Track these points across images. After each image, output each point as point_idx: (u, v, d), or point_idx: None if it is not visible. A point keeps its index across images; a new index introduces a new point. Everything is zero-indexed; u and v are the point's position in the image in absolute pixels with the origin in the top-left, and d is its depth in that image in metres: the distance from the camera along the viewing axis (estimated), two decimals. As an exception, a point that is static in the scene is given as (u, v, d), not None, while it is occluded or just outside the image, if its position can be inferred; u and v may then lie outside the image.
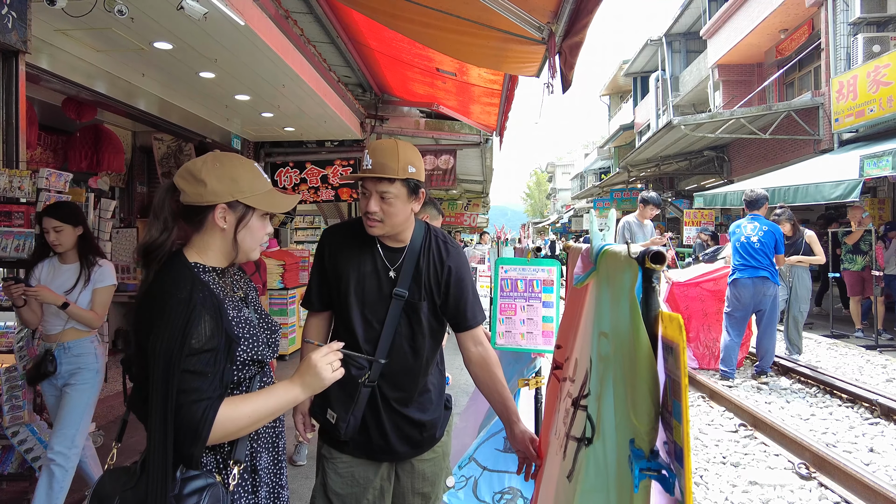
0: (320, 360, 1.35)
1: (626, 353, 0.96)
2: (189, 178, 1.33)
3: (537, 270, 2.29)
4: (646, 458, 0.89)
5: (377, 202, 1.70)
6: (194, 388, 1.20)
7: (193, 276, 1.30)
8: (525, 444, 1.73)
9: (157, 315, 1.23)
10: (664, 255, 0.87)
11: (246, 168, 1.38)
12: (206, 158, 1.36)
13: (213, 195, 1.32)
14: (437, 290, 1.81)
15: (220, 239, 1.37)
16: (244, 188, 1.35)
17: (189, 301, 1.23)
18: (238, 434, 1.30)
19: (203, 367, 1.22)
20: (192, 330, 1.21)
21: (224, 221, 1.34)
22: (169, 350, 1.19)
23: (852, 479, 3.20)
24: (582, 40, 2.45)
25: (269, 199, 1.40)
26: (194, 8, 3.13)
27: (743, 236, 5.64)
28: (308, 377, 1.35)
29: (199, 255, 1.36)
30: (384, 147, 1.70)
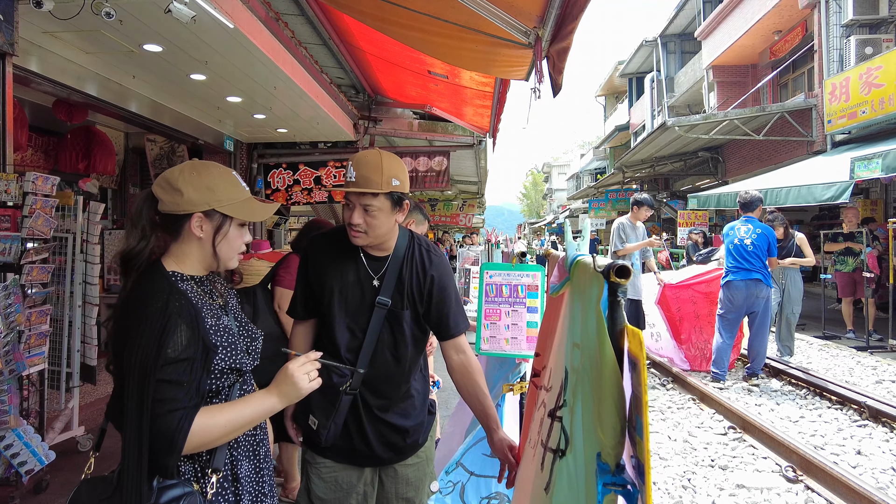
0: (297, 370, 1.35)
1: (594, 366, 0.97)
2: (166, 186, 1.33)
3: (522, 276, 2.30)
4: (611, 473, 0.89)
5: (361, 214, 1.70)
6: (170, 397, 1.20)
7: (170, 284, 1.30)
8: (503, 451, 1.74)
9: (133, 324, 1.23)
10: (629, 269, 0.87)
11: (223, 177, 1.38)
12: (183, 167, 1.36)
13: (189, 204, 1.32)
14: (419, 299, 1.81)
15: (197, 247, 1.37)
16: (221, 197, 1.35)
17: (165, 311, 1.23)
18: (214, 443, 1.30)
19: (179, 377, 1.22)
20: (167, 339, 1.21)
21: (201, 230, 1.35)
22: (144, 360, 1.19)
23: (838, 482, 3.22)
24: (569, 45, 2.46)
25: (247, 208, 1.40)
26: (182, 11, 3.12)
27: (736, 238, 5.66)
28: (285, 387, 1.35)
29: (178, 264, 1.36)
30: (368, 160, 1.70)
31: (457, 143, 7.98)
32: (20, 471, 2.97)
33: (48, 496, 3.37)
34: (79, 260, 4.01)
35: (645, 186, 19.34)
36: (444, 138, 7.90)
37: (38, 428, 3.51)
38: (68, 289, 3.97)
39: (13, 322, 2.97)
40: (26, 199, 3.11)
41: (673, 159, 15.61)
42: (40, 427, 3.56)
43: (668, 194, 17.91)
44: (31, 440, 3.03)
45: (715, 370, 5.70)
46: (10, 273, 3.04)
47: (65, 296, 3.97)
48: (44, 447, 3.11)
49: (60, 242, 3.95)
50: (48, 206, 3.23)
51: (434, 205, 16.74)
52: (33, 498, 3.33)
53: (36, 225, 3.14)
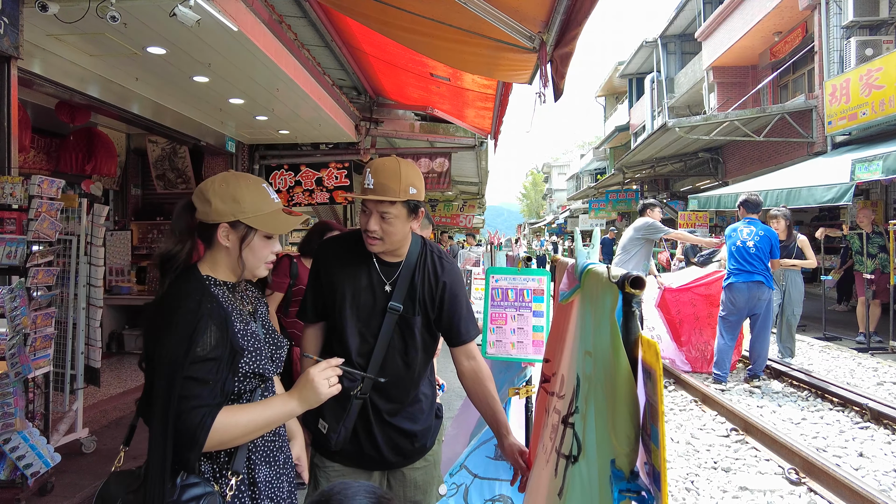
0: (318, 376, 1.38)
1: (607, 375, 0.98)
2: (200, 196, 1.40)
3: (528, 280, 2.31)
4: (625, 480, 0.90)
5: (377, 221, 1.71)
6: (195, 394, 1.25)
7: (203, 287, 1.35)
8: (514, 456, 1.75)
9: (166, 323, 1.28)
10: (644, 280, 0.88)
11: (251, 188, 1.42)
12: (215, 178, 1.42)
13: (217, 214, 1.37)
14: (431, 305, 1.82)
15: (225, 255, 1.42)
16: (246, 209, 1.38)
17: (197, 311, 1.28)
18: (233, 443, 1.33)
19: (205, 375, 1.27)
20: (197, 338, 1.26)
21: (227, 240, 1.39)
22: (174, 356, 1.24)
23: (841, 484, 3.23)
24: (572, 51, 2.47)
25: (271, 221, 1.42)
26: (187, 14, 3.13)
27: (739, 240, 5.65)
28: (305, 391, 1.38)
29: (211, 269, 1.42)
30: (387, 168, 1.70)
31: (458, 145, 7.99)
32: (25, 473, 2.98)
33: (53, 498, 3.38)
34: (83, 262, 4.02)
35: (645, 187, 19.36)
36: (446, 140, 7.91)
37: (43, 430, 3.51)
38: (72, 291, 3.98)
39: (19, 325, 2.98)
40: (32, 203, 3.12)
41: (673, 160, 15.63)
42: (45, 429, 3.57)
43: (668, 195, 17.93)
44: (36, 442, 3.03)
45: (717, 372, 5.71)
46: (16, 276, 3.04)
47: (69, 298, 3.98)
48: (49, 449, 3.12)
49: (64, 245, 3.96)
50: (53, 209, 3.24)
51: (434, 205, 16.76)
52: (38, 500, 3.34)
53: (41, 228, 3.15)
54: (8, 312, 2.91)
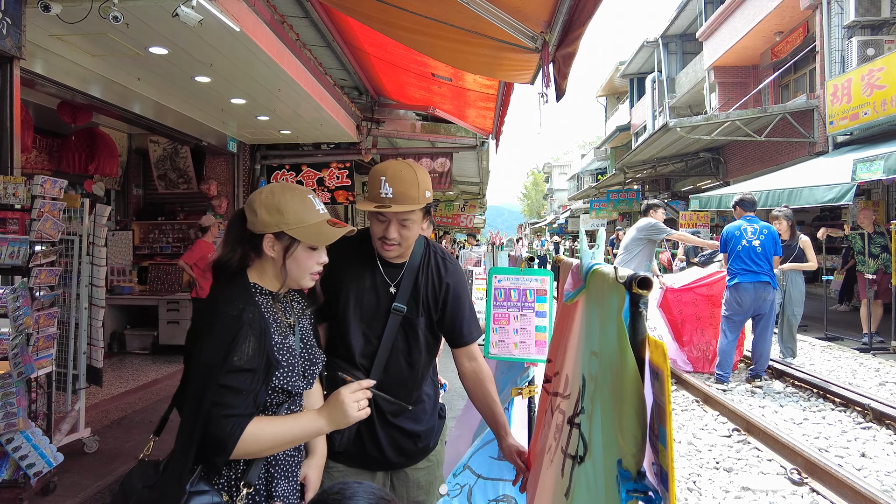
0: (348, 398, 1.38)
1: (614, 375, 0.98)
2: (249, 207, 1.43)
3: (530, 280, 2.31)
4: (633, 480, 0.90)
5: (397, 228, 1.70)
6: (227, 402, 1.26)
7: (249, 295, 1.37)
8: (513, 456, 1.76)
9: (207, 326, 1.30)
10: (651, 280, 0.88)
11: (296, 200, 1.43)
12: (263, 189, 1.44)
13: (262, 225, 1.40)
14: (434, 307, 1.82)
15: (271, 265, 1.44)
16: (290, 220, 1.40)
17: (239, 319, 1.30)
18: (259, 454, 1.34)
19: (239, 385, 1.28)
20: (235, 347, 1.27)
21: (272, 250, 1.41)
22: (210, 362, 1.26)
23: (843, 484, 3.23)
24: (575, 51, 2.47)
25: (314, 232, 1.43)
26: (189, 15, 3.14)
27: (745, 240, 5.62)
28: (335, 412, 1.38)
29: (259, 278, 1.44)
30: (404, 176, 1.68)
31: (459, 145, 7.99)
32: (28, 472, 2.98)
33: (56, 498, 3.38)
34: (85, 262, 4.02)
35: (646, 187, 19.35)
36: (447, 140, 7.91)
37: (46, 430, 3.51)
38: (74, 291, 3.98)
39: (22, 325, 2.98)
40: (34, 203, 3.12)
41: (674, 160, 15.62)
42: (48, 429, 3.57)
43: (669, 195, 17.92)
44: (39, 442, 3.04)
45: (719, 372, 5.70)
46: (19, 276, 3.05)
47: (71, 298, 3.98)
48: (52, 449, 3.12)
49: (66, 245, 3.96)
50: (56, 209, 3.24)
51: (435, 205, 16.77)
52: (41, 500, 3.34)
53: (44, 228, 3.15)
54: (11, 312, 2.92)
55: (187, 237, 7.80)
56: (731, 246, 5.75)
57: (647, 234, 6.28)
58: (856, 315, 8.57)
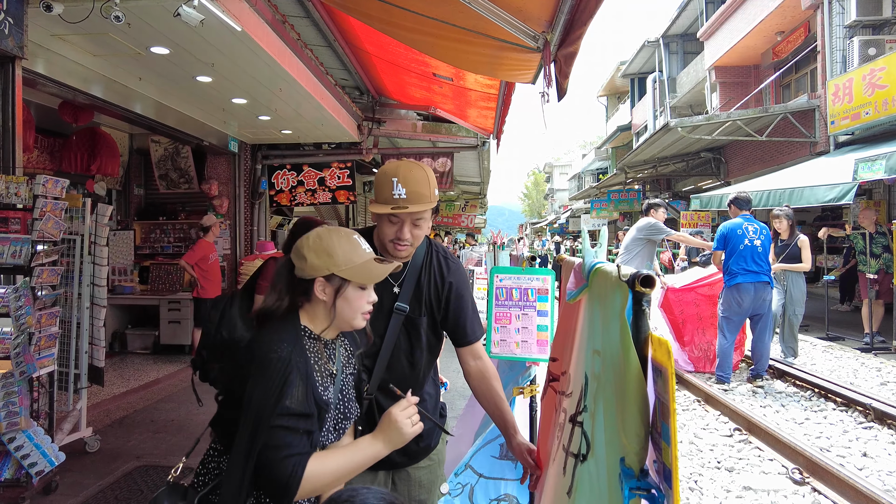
0: (401, 416, 1.40)
1: (617, 373, 0.98)
2: (297, 253, 1.43)
3: (532, 279, 2.31)
4: (635, 478, 0.90)
5: (409, 229, 1.70)
6: (285, 443, 1.26)
7: (297, 339, 1.38)
8: (523, 455, 1.75)
9: (259, 366, 1.30)
10: (654, 278, 0.88)
11: (343, 241, 1.44)
12: (310, 234, 1.45)
13: (312, 269, 1.40)
14: (437, 306, 1.82)
15: (323, 309, 1.44)
16: (339, 262, 1.41)
17: (288, 363, 1.30)
18: (324, 489, 1.34)
19: (295, 424, 1.28)
20: (287, 390, 1.28)
21: (323, 293, 1.42)
22: (263, 404, 1.26)
23: (845, 484, 3.22)
24: (576, 50, 2.47)
25: (364, 271, 1.44)
26: (191, 14, 3.14)
27: (747, 239, 5.59)
28: (391, 433, 1.40)
29: (310, 321, 1.44)
30: (415, 176, 1.68)
31: (460, 145, 8.00)
32: (30, 472, 2.99)
33: (57, 497, 3.38)
34: (86, 262, 4.02)
35: (647, 187, 19.34)
36: (448, 140, 7.91)
37: (48, 429, 3.52)
38: (76, 290, 3.99)
39: (24, 324, 2.99)
40: (36, 202, 3.12)
41: (675, 160, 15.61)
42: (49, 428, 3.58)
43: (670, 195, 17.90)
44: (41, 441, 3.04)
45: (720, 373, 5.69)
46: (21, 275, 3.05)
47: (73, 297, 3.98)
48: (53, 448, 3.13)
49: (68, 244, 3.97)
50: (58, 208, 3.24)
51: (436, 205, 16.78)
52: (43, 499, 3.34)
53: (46, 227, 3.16)
54: (13, 311, 2.92)
55: (188, 237, 7.81)
56: (731, 245, 5.69)
57: (646, 234, 6.27)
58: (857, 315, 8.56)
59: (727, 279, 5.72)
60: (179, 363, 6.58)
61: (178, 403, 5.28)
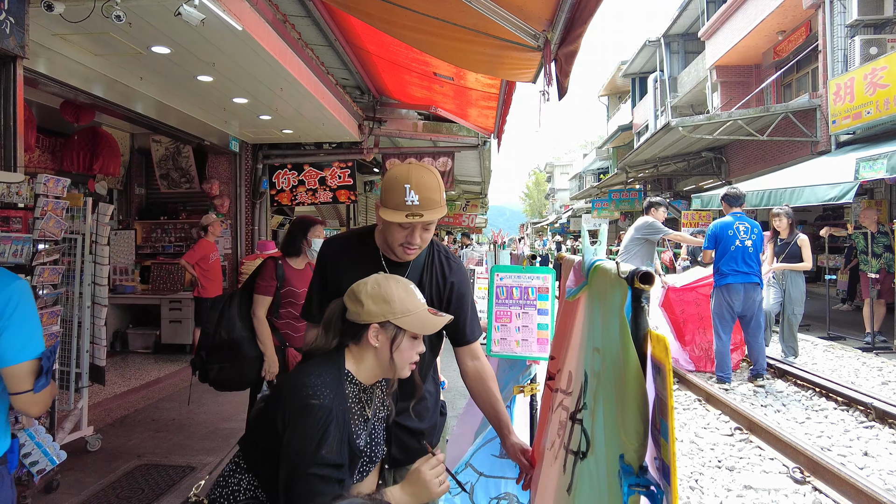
0: (429, 475, 1.41)
1: (616, 370, 0.98)
2: (353, 297, 1.44)
3: (532, 278, 2.31)
4: (635, 474, 0.90)
5: (420, 233, 1.71)
6: (318, 491, 1.28)
7: (340, 384, 1.38)
8: (517, 455, 1.75)
9: (301, 412, 1.30)
10: (653, 275, 0.89)
11: (400, 290, 1.44)
12: (368, 280, 1.46)
13: (368, 315, 1.41)
14: (438, 305, 1.82)
15: (372, 355, 1.44)
16: (396, 310, 1.41)
17: (330, 411, 1.31)
18: None
19: (330, 474, 1.29)
20: (327, 440, 1.29)
21: (376, 340, 1.42)
22: (302, 451, 1.28)
23: (846, 483, 3.22)
24: (577, 49, 2.47)
25: (419, 321, 1.45)
26: (192, 14, 3.14)
27: (738, 240, 5.60)
28: (419, 490, 1.40)
29: (354, 365, 1.45)
30: (427, 182, 1.68)
31: (461, 144, 8.00)
32: (32, 471, 2.99)
33: (59, 496, 3.39)
34: (87, 261, 4.03)
35: (648, 186, 19.33)
36: (449, 139, 7.91)
37: (49, 428, 3.52)
38: (77, 290, 3.99)
39: (25, 323, 2.98)
40: (37, 201, 3.13)
41: (676, 159, 15.59)
42: (51, 427, 3.58)
43: (671, 194, 17.89)
44: (42, 440, 3.04)
45: (720, 373, 5.68)
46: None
47: (74, 297, 3.99)
48: (55, 447, 3.13)
49: (69, 244, 3.98)
50: (59, 207, 3.25)
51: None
52: (45, 497, 3.35)
53: (47, 227, 3.16)
54: (14, 311, 2.92)
55: (189, 236, 7.81)
56: (722, 245, 5.69)
57: (644, 233, 6.26)
58: (858, 314, 8.55)
59: (717, 279, 5.73)
60: (180, 362, 6.59)
61: (179, 403, 5.29)
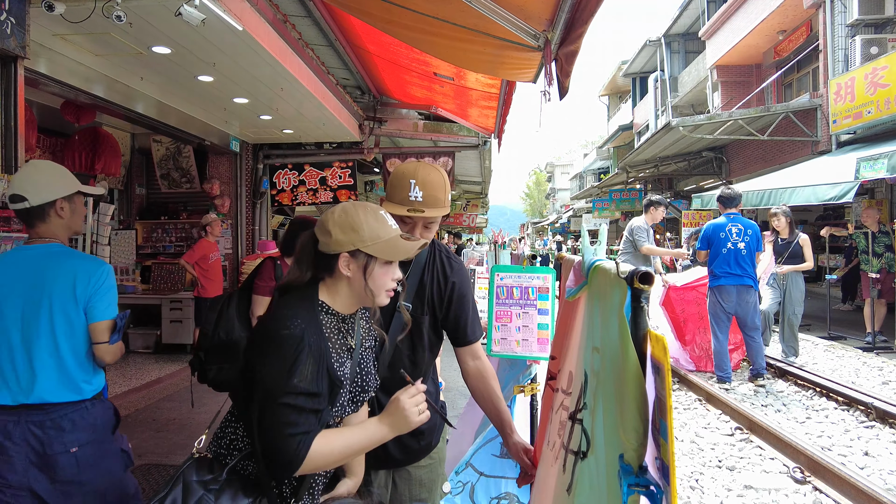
0: (408, 403, 1.39)
1: (616, 370, 0.98)
2: (321, 228, 1.42)
3: (532, 278, 2.31)
4: (634, 474, 0.90)
5: (421, 230, 1.71)
6: (291, 421, 1.27)
7: (312, 315, 1.37)
8: (519, 454, 1.76)
9: (269, 343, 1.30)
10: (652, 275, 0.89)
11: (370, 217, 1.42)
12: (335, 209, 1.44)
13: (336, 245, 1.39)
14: (439, 305, 1.82)
15: (346, 285, 1.43)
16: (365, 237, 1.39)
17: (301, 340, 1.30)
18: (328, 466, 1.37)
19: (302, 403, 1.29)
20: (297, 368, 1.28)
21: (348, 269, 1.40)
22: (273, 382, 1.27)
23: (846, 483, 3.22)
24: (577, 49, 2.47)
25: (391, 247, 1.42)
26: (192, 14, 3.15)
27: (730, 242, 5.59)
28: (397, 419, 1.39)
29: (329, 297, 1.43)
30: (433, 180, 1.69)
31: (462, 144, 8.00)
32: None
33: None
34: (88, 261, 4.03)
35: (649, 186, 19.32)
36: (449, 139, 7.92)
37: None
38: (78, 290, 3.99)
39: (26, 323, 2.99)
40: (38, 201, 3.12)
41: (677, 159, 15.59)
42: (51, 427, 3.58)
43: (671, 194, 17.88)
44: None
45: (720, 373, 5.68)
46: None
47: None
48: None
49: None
50: (60, 207, 3.24)
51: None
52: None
53: (48, 226, 3.16)
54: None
55: (190, 236, 7.82)
56: (714, 247, 5.69)
57: (633, 236, 6.28)
58: (859, 314, 8.54)
59: (710, 280, 5.75)
60: (181, 362, 6.60)
61: (180, 402, 5.29)
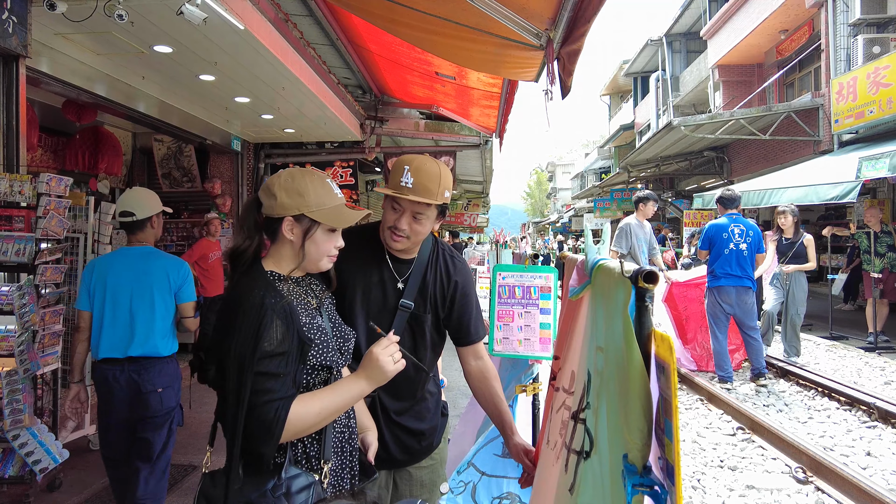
0: (382, 353, 1.39)
1: (620, 369, 0.98)
2: (266, 191, 1.43)
3: (535, 277, 2.30)
4: (638, 474, 0.90)
5: (409, 220, 1.70)
6: (267, 388, 1.27)
7: (267, 283, 1.37)
8: (520, 455, 1.75)
9: (232, 319, 1.31)
10: (657, 274, 0.88)
11: (315, 183, 1.43)
12: (281, 173, 1.44)
13: (281, 208, 1.39)
14: (442, 304, 1.82)
15: (289, 249, 1.44)
16: (310, 203, 1.40)
17: (261, 306, 1.30)
18: (309, 430, 1.35)
19: (275, 369, 1.29)
20: (263, 333, 1.28)
21: (291, 233, 1.41)
22: (242, 352, 1.27)
23: (848, 483, 3.22)
24: (580, 48, 2.46)
25: (335, 214, 1.44)
26: (194, 13, 3.14)
27: (732, 243, 5.58)
28: (372, 370, 1.39)
29: (276, 264, 1.44)
30: (428, 169, 1.68)
31: (463, 144, 7.99)
32: (34, 469, 2.99)
33: (61, 494, 3.40)
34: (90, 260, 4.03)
35: (650, 186, 19.29)
36: (451, 138, 7.91)
37: (52, 427, 3.53)
38: (79, 289, 3.99)
39: (28, 322, 2.99)
40: (40, 200, 3.13)
41: (678, 159, 15.57)
42: (53, 426, 3.59)
43: (673, 194, 17.88)
44: (45, 439, 3.05)
45: (720, 373, 5.68)
46: (25, 273, 3.06)
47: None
48: (57, 446, 3.13)
49: (72, 243, 3.98)
50: (61, 206, 3.25)
51: (439, 205, 16.75)
52: (47, 496, 3.36)
53: (49, 226, 3.16)
54: (17, 309, 2.93)
55: (191, 235, 7.81)
56: (716, 248, 5.68)
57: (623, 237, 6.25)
58: (861, 314, 8.53)
59: (710, 280, 5.73)
60: (182, 362, 6.58)
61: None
